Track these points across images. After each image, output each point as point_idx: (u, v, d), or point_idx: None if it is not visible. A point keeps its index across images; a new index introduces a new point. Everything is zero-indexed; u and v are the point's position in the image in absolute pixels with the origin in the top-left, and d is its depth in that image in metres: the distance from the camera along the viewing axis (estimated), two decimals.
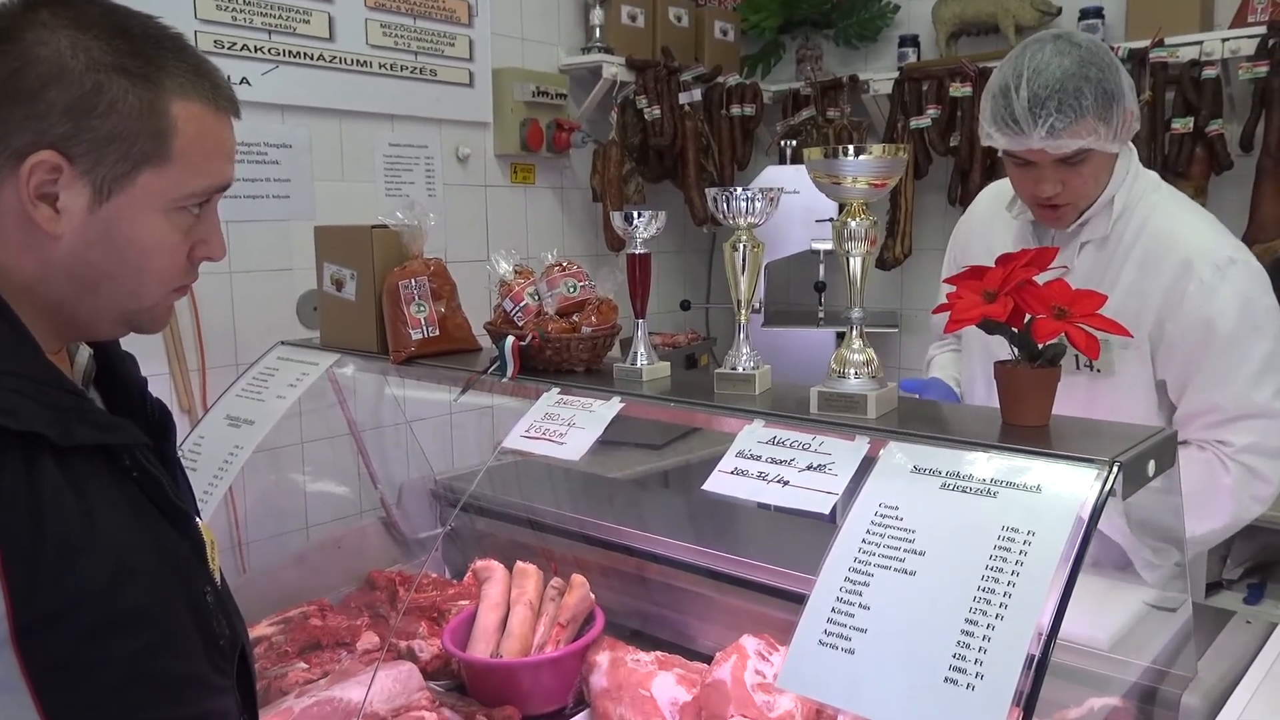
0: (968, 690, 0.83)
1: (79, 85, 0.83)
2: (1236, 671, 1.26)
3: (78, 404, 0.85)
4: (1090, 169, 1.53)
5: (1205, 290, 1.52)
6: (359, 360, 1.86)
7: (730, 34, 3.81)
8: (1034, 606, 0.85)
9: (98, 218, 0.86)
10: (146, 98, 0.86)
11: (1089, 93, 1.46)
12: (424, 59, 2.98)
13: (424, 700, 1.55)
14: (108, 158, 0.85)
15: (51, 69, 0.83)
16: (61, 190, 0.84)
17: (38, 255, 0.86)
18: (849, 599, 0.93)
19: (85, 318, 0.91)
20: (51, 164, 0.83)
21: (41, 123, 0.83)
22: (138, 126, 0.86)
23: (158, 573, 0.87)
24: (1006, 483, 0.95)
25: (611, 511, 2.06)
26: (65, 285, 0.88)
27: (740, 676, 1.44)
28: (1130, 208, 1.60)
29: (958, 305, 1.07)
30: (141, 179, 0.87)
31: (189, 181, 0.90)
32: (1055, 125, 1.46)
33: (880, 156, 1.12)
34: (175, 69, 0.88)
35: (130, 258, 0.89)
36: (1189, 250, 1.54)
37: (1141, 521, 1.40)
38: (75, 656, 0.79)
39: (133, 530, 0.85)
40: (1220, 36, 2.84)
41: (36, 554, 0.76)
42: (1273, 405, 1.54)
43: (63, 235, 0.86)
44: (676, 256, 3.96)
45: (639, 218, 1.41)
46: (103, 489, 0.84)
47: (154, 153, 0.87)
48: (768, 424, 1.17)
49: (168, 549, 0.89)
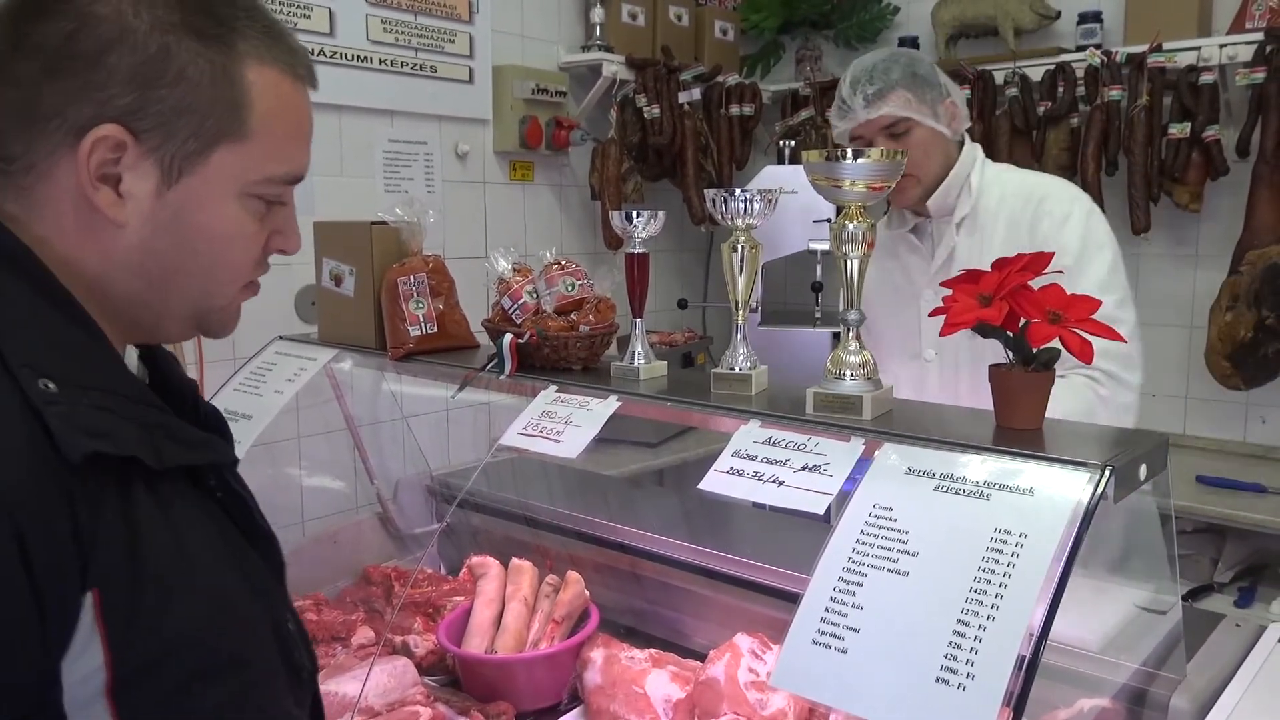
0: (959, 690, 0.84)
1: (143, 49, 0.72)
2: (1225, 674, 1.27)
3: (163, 419, 0.75)
4: (917, 141, 1.80)
5: (1057, 221, 1.81)
6: (357, 356, 1.86)
7: (730, 34, 3.81)
8: (1025, 608, 0.86)
9: (166, 203, 0.76)
10: (219, 62, 0.75)
11: (895, 70, 1.79)
12: (424, 55, 2.98)
13: (419, 695, 1.56)
14: (177, 133, 0.74)
15: (112, 30, 0.72)
16: (125, 171, 0.74)
17: (100, 247, 0.76)
18: (842, 599, 0.94)
19: (153, 317, 0.81)
20: (115, 140, 0.73)
21: (102, 93, 0.72)
22: (210, 96, 0.75)
23: (249, 608, 0.78)
24: (999, 485, 0.96)
25: (607, 509, 2.07)
26: (131, 280, 0.77)
27: (733, 674, 1.45)
28: (989, 184, 1.88)
29: (953, 309, 1.07)
30: (215, 157, 0.76)
31: (267, 163, 0.80)
32: (868, 93, 1.77)
33: (879, 160, 1.13)
34: (248, 29, 0.77)
35: (202, 248, 0.78)
36: (1041, 194, 1.85)
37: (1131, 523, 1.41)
38: (171, 706, 0.70)
39: (222, 561, 0.76)
40: (1218, 42, 2.85)
41: (135, 598, 0.67)
42: (1117, 313, 1.74)
43: (127, 223, 0.75)
44: (674, 255, 3.97)
45: (638, 217, 1.42)
46: (190, 515, 0.74)
47: (229, 127, 0.76)
48: (764, 424, 1.18)
49: (254, 578, 0.79)
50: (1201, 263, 3.09)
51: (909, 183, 1.83)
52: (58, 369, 0.69)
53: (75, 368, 0.70)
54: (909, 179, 1.81)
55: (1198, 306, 3.04)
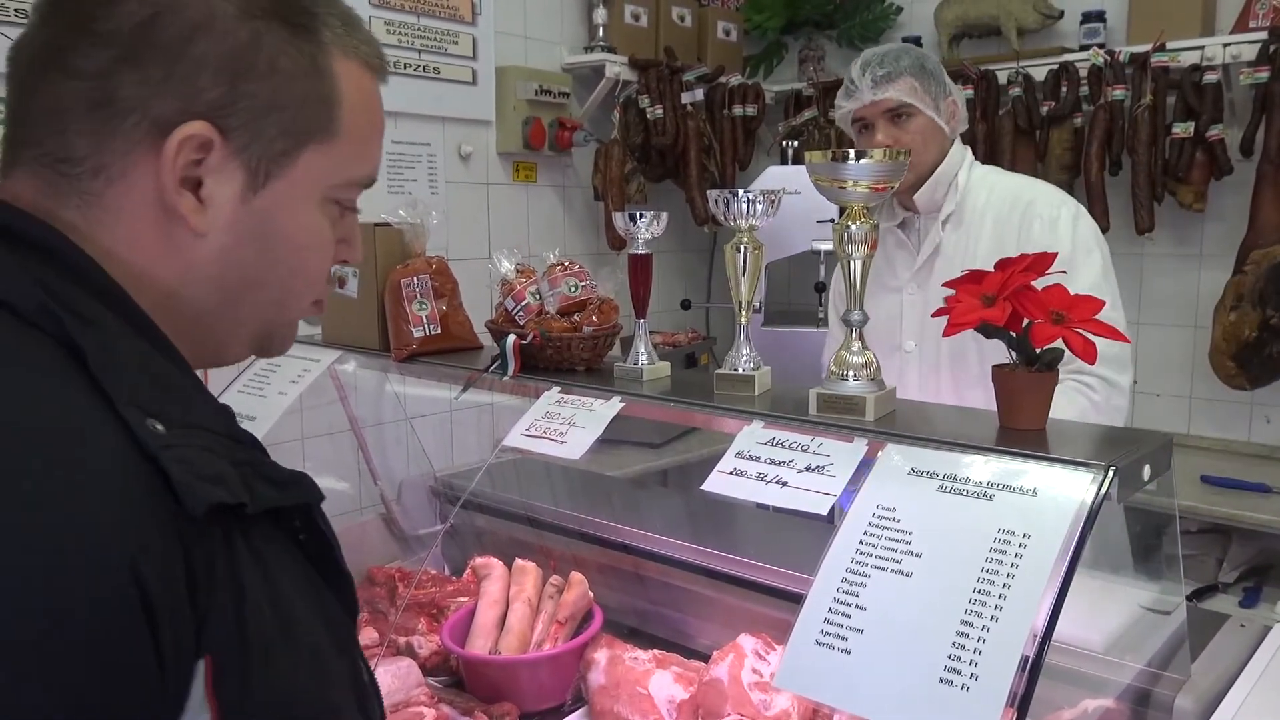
0: (962, 691, 0.84)
1: (233, 36, 0.65)
2: (1230, 674, 1.27)
3: (251, 456, 0.66)
4: (916, 129, 1.86)
5: (1047, 224, 1.85)
6: (360, 357, 1.86)
7: (733, 34, 3.81)
8: (1029, 608, 0.85)
9: (251, 209, 0.68)
10: (309, 53, 0.68)
11: (905, 59, 1.85)
12: (427, 57, 2.99)
13: (423, 696, 1.56)
14: (266, 131, 0.67)
15: (198, 14, 0.64)
16: (208, 174, 0.66)
17: (175, 259, 0.68)
18: (846, 599, 0.94)
19: (221, 335, 0.73)
20: (202, 139, 0.65)
21: (188, 85, 0.64)
22: (302, 91, 0.68)
23: (338, 662, 0.70)
24: (1003, 486, 0.96)
25: (610, 510, 2.07)
26: (206, 296, 0.70)
27: (737, 675, 1.45)
28: (975, 184, 1.94)
29: (956, 309, 1.07)
30: (304, 159, 0.69)
31: (352, 164, 0.73)
32: (877, 75, 1.83)
33: (882, 160, 1.13)
34: (330, 18, 0.70)
35: (284, 259, 0.71)
36: (1031, 196, 1.90)
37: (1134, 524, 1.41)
38: None
39: (311, 612, 0.67)
40: (1221, 41, 2.85)
41: (243, 662, 0.59)
42: (1110, 314, 1.75)
43: (207, 231, 0.67)
44: (677, 256, 3.97)
45: (641, 218, 1.42)
46: (281, 563, 0.65)
47: (319, 125, 0.69)
48: (767, 425, 1.18)
49: (336, 628, 0.71)
50: (1206, 262, 3.08)
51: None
52: (161, 407, 0.60)
53: (176, 405, 0.62)
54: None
55: (1202, 306, 3.03)
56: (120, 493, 0.55)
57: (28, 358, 0.58)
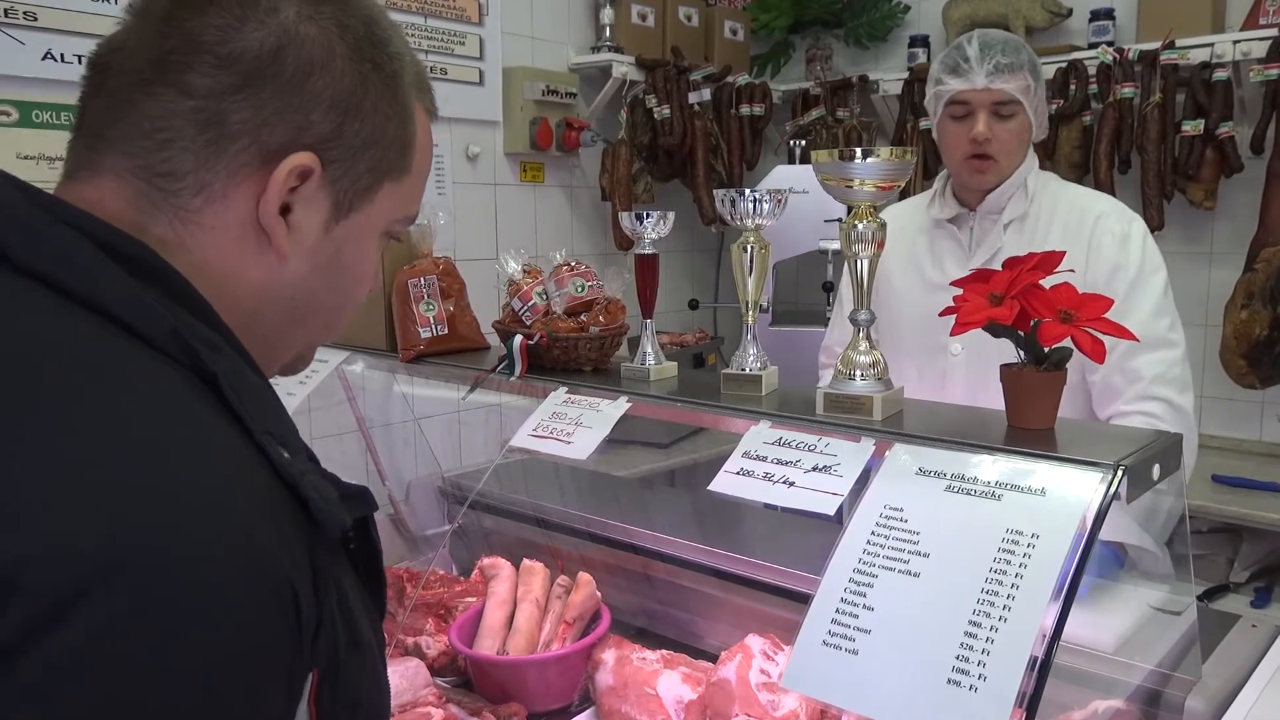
0: (970, 691, 0.83)
1: (345, 77, 0.69)
2: (1241, 675, 1.26)
3: (322, 474, 0.66)
4: (1016, 128, 1.80)
5: (1117, 239, 1.79)
6: (368, 358, 1.87)
7: (740, 34, 3.81)
8: (1037, 608, 0.85)
9: (331, 238, 0.72)
10: (400, 98, 0.73)
11: (1024, 53, 1.78)
12: (434, 57, 2.99)
13: (431, 696, 1.56)
14: (357, 167, 0.71)
15: (318, 53, 0.67)
16: (299, 202, 0.69)
17: (259, 279, 0.70)
18: (853, 600, 0.94)
19: (276, 354, 0.75)
20: (304, 169, 0.68)
21: (302, 117, 0.67)
22: (391, 132, 0.73)
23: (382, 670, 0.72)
24: (1011, 485, 0.96)
25: (617, 510, 2.07)
26: (278, 316, 0.72)
27: (745, 676, 1.44)
28: (1042, 189, 1.88)
29: (964, 308, 1.07)
30: (381, 194, 0.73)
31: (412, 201, 0.77)
32: (1000, 62, 1.74)
33: (888, 159, 1.12)
34: (408, 65, 0.75)
35: (344, 286, 0.75)
36: (1100, 210, 1.84)
37: (1144, 519, 1.40)
38: None
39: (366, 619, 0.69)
40: (1231, 38, 2.84)
41: (336, 671, 0.62)
42: (1169, 336, 1.77)
43: (291, 257, 0.70)
44: (685, 256, 3.96)
45: (648, 218, 1.42)
46: (345, 575, 0.67)
47: (398, 164, 0.74)
48: (774, 425, 1.17)
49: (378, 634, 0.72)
50: (1216, 260, 3.07)
51: (993, 166, 1.81)
52: (285, 435, 0.62)
53: (290, 433, 0.64)
54: (994, 163, 1.80)
55: (1212, 304, 3.02)
56: (274, 513, 0.58)
57: (170, 386, 0.59)
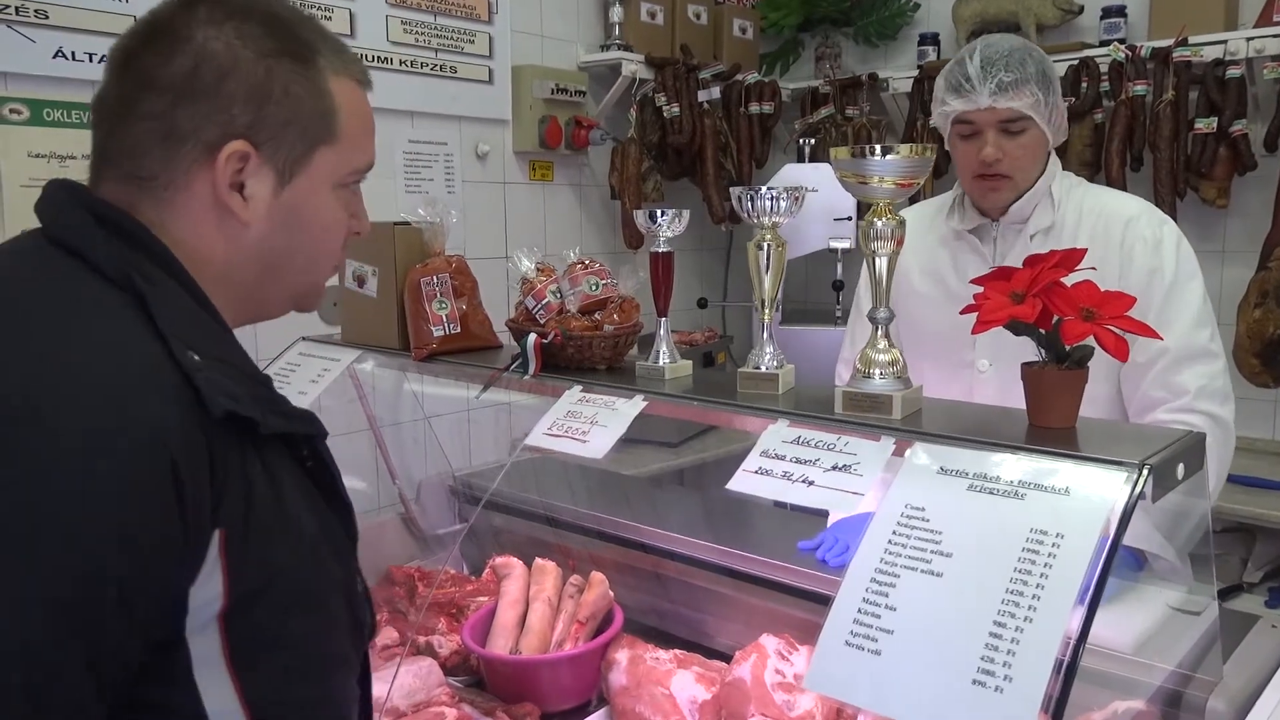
0: (996, 693, 0.82)
1: (253, 74, 0.86)
2: (1263, 676, 1.25)
3: (269, 394, 0.88)
4: (1028, 142, 1.70)
5: (1150, 244, 1.71)
6: (379, 356, 1.86)
7: (749, 32, 3.80)
8: (1063, 609, 0.84)
9: (282, 201, 0.90)
10: (311, 78, 0.89)
11: (1030, 64, 1.67)
12: (444, 56, 2.99)
13: (444, 696, 1.56)
14: (286, 141, 0.88)
15: (226, 61, 0.85)
16: (248, 178, 0.87)
17: (230, 243, 0.89)
18: (875, 600, 0.93)
19: (264, 299, 0.95)
20: (242, 153, 0.86)
21: (225, 114, 0.85)
22: (309, 107, 0.89)
23: (329, 558, 0.91)
24: (1034, 485, 0.95)
25: (628, 509, 2.06)
26: (253, 269, 0.91)
27: (760, 675, 1.44)
28: (1066, 196, 1.79)
29: (986, 306, 1.06)
30: (317, 158, 0.91)
31: (354, 157, 0.94)
32: (1003, 81, 1.65)
33: (908, 156, 1.12)
34: (324, 48, 0.91)
35: (310, 236, 0.93)
36: (1130, 214, 1.75)
37: (1167, 525, 1.39)
38: (266, 634, 0.83)
39: (309, 516, 0.89)
40: (1245, 36, 2.82)
41: (248, 538, 0.80)
42: (1211, 347, 1.71)
43: (252, 221, 0.89)
44: (694, 255, 3.95)
45: (662, 216, 1.41)
46: (287, 475, 0.87)
47: (325, 132, 0.91)
48: (792, 424, 1.17)
49: (333, 538, 0.93)
50: (1229, 259, 3.05)
51: (1006, 184, 1.74)
52: (199, 344, 0.81)
53: (209, 344, 0.83)
54: (1007, 181, 1.73)
55: (1225, 303, 3.00)
56: (161, 391, 0.76)
57: (108, 302, 0.80)
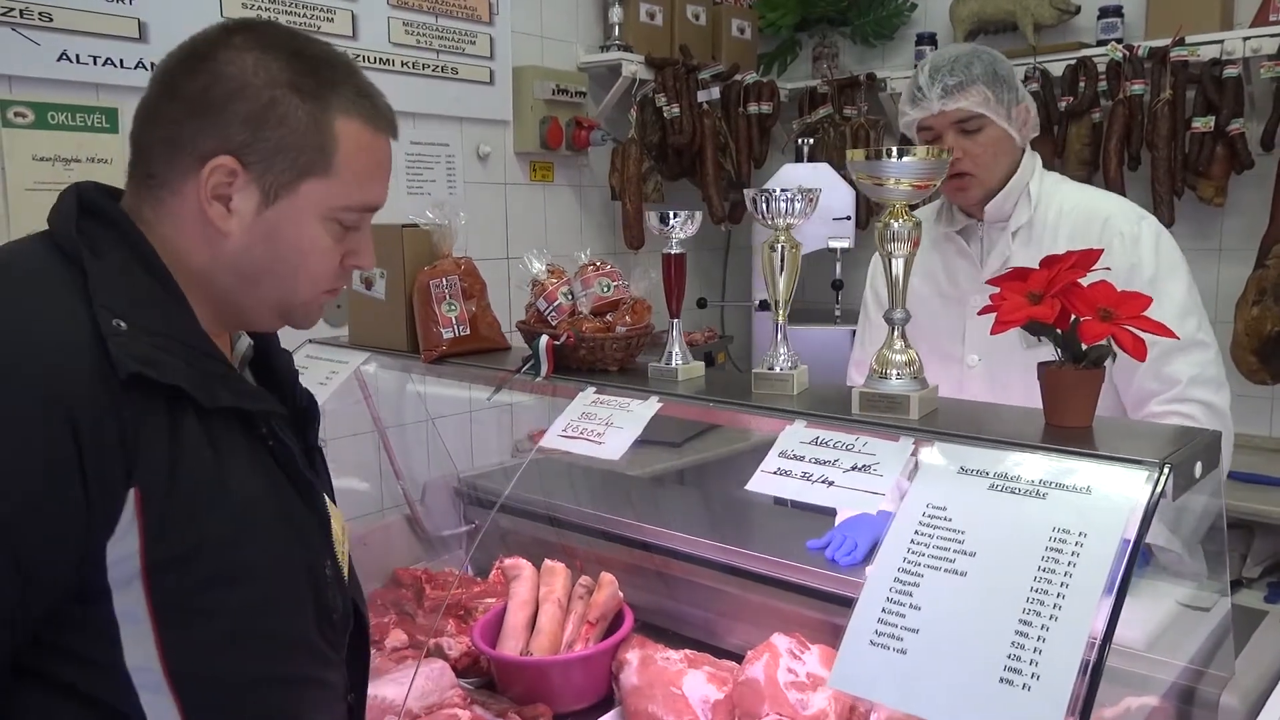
0: (1024, 691, 0.83)
1: (257, 99, 0.92)
2: (1274, 671, 1.27)
3: (224, 371, 0.93)
4: (987, 141, 1.75)
5: (1128, 241, 1.73)
6: (384, 357, 1.86)
7: (747, 32, 3.81)
8: (1088, 607, 0.85)
9: (263, 219, 0.94)
10: (314, 113, 0.94)
11: (977, 65, 1.73)
12: (445, 57, 2.98)
13: (456, 698, 1.56)
14: (276, 165, 0.93)
15: (236, 84, 0.91)
16: (235, 192, 0.93)
17: (210, 248, 0.95)
18: (899, 599, 0.93)
19: (246, 307, 0.99)
20: (229, 168, 0.92)
21: (224, 131, 0.91)
22: (305, 139, 0.94)
23: (278, 534, 0.94)
24: (1056, 484, 0.95)
25: (633, 509, 2.07)
26: (230, 277, 0.96)
27: (773, 675, 1.44)
28: (1047, 195, 1.83)
29: (1004, 307, 1.07)
30: (304, 187, 0.95)
31: (347, 195, 0.98)
32: (948, 84, 1.72)
33: (924, 158, 1.12)
34: (343, 89, 0.96)
35: (288, 257, 0.97)
36: (1107, 211, 1.78)
37: (1176, 518, 1.40)
38: (194, 600, 0.87)
39: (261, 491, 0.93)
40: (1241, 35, 2.84)
41: (170, 499, 0.84)
42: (1199, 336, 1.74)
43: (232, 233, 0.94)
44: (692, 255, 3.93)
45: (675, 218, 1.41)
46: (238, 450, 0.91)
47: (317, 164, 0.95)
48: (809, 424, 1.17)
49: (292, 515, 0.97)
50: (1226, 257, 3.07)
51: (972, 183, 1.78)
52: (132, 316, 0.86)
53: (150, 318, 0.88)
54: (972, 179, 1.77)
55: (1223, 301, 3.02)
56: (65, 351, 0.82)
57: (53, 274, 0.87)
